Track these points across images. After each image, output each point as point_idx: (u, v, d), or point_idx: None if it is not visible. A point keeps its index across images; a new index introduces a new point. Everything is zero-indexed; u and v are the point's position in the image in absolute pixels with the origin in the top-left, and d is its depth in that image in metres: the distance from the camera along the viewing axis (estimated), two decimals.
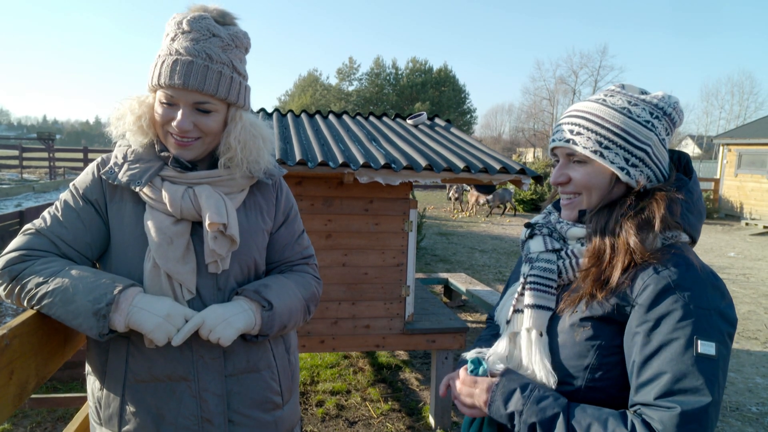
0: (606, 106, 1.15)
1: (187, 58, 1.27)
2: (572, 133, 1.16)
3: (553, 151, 1.24)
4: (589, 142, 1.14)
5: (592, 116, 1.15)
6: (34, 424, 3.61)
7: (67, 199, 1.36)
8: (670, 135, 1.17)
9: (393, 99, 48.24)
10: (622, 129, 1.12)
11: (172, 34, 1.30)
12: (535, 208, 18.49)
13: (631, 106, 1.14)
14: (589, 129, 1.14)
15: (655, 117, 1.14)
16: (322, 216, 3.58)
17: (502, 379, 1.15)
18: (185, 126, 1.29)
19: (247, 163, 1.39)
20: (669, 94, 1.17)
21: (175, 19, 1.32)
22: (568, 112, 1.22)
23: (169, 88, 1.28)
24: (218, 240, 1.31)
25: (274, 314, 1.35)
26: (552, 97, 49.43)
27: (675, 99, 1.17)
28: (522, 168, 3.58)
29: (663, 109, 1.14)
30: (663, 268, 1.04)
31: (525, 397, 1.09)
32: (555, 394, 1.09)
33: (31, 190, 17.89)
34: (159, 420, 1.30)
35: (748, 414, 4.21)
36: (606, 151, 1.12)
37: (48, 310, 1.22)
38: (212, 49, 1.30)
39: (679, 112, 1.16)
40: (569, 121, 1.18)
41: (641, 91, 1.18)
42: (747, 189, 17.51)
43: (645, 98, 1.16)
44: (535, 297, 1.18)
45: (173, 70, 1.27)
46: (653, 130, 1.13)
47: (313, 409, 4.02)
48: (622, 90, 1.18)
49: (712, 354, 0.98)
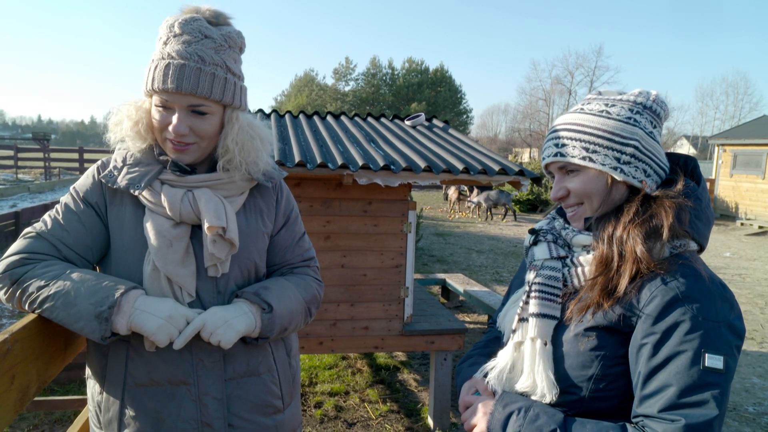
0: (585, 113, 1.17)
1: (179, 61, 1.26)
2: (558, 146, 1.18)
3: (547, 169, 1.25)
4: (575, 150, 1.15)
5: (573, 125, 1.17)
6: (32, 426, 3.59)
7: (67, 202, 1.35)
8: (658, 128, 1.17)
9: (389, 99, 48.21)
10: (604, 131, 1.13)
11: (164, 38, 1.30)
12: (532, 208, 18.52)
13: (608, 108, 1.15)
14: (573, 138, 1.16)
15: (635, 113, 1.14)
16: (320, 217, 3.58)
17: (497, 405, 1.15)
18: (181, 130, 1.29)
19: (245, 165, 1.38)
20: (647, 90, 1.18)
21: (167, 23, 1.31)
22: (551, 128, 1.24)
23: (163, 93, 1.28)
24: (217, 243, 1.31)
25: (275, 316, 1.35)
26: (548, 98, 49.49)
27: (654, 93, 1.17)
28: (521, 169, 3.58)
29: (642, 104, 1.15)
30: (671, 279, 1.03)
31: (521, 418, 1.08)
32: (550, 411, 1.08)
33: (26, 191, 17.83)
34: (159, 424, 1.30)
35: (745, 414, 4.23)
36: (594, 155, 1.13)
37: (49, 314, 1.22)
38: (204, 51, 1.29)
39: (659, 103, 1.17)
40: (554, 136, 1.20)
41: (618, 92, 1.20)
42: (742, 189, 17.59)
43: (621, 98, 1.17)
44: (540, 306, 1.16)
45: (166, 74, 1.26)
46: (636, 125, 1.13)
47: (312, 411, 4.02)
48: (598, 96, 1.20)
49: (719, 368, 0.97)
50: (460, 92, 50.08)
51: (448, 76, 49.44)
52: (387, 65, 50.01)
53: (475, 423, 1.18)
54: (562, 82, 48.44)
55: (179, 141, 1.31)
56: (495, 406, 1.15)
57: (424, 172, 3.39)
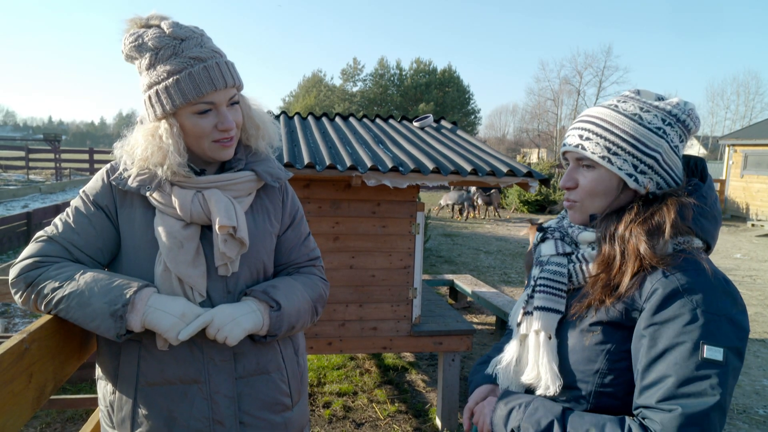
0: (617, 112, 1.16)
1: (211, 60, 1.28)
2: (582, 138, 1.17)
3: (564, 155, 1.25)
4: (597, 147, 1.14)
5: (602, 122, 1.15)
6: (44, 425, 3.63)
7: (78, 205, 1.37)
8: (684, 142, 1.16)
9: (397, 100, 48.19)
10: (631, 135, 1.12)
11: (168, 51, 1.26)
12: (540, 209, 18.45)
13: (642, 113, 1.14)
14: (598, 135, 1.15)
15: (667, 124, 1.13)
16: (329, 219, 3.59)
17: (500, 402, 1.19)
18: (232, 124, 1.32)
19: (269, 138, 1.46)
20: (685, 100, 1.16)
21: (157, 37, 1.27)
22: (580, 116, 1.23)
23: (208, 96, 1.28)
24: (228, 243, 1.32)
25: (282, 315, 1.36)
26: (556, 98, 49.35)
27: (691, 106, 1.16)
28: (529, 171, 3.58)
29: (676, 116, 1.14)
30: (672, 273, 1.04)
31: (521, 413, 1.12)
32: (549, 404, 1.11)
33: (37, 191, 17.99)
34: (171, 422, 1.32)
35: (755, 417, 4.20)
36: (614, 157, 1.13)
37: (65, 314, 1.24)
38: (213, 45, 1.32)
39: (694, 118, 1.15)
40: (580, 126, 1.19)
41: (657, 97, 1.18)
42: (753, 190, 17.44)
43: (658, 105, 1.15)
44: (544, 299, 1.19)
45: (207, 77, 1.27)
46: (664, 137, 1.12)
47: (320, 411, 4.04)
48: (635, 96, 1.18)
49: (719, 359, 0.97)
50: (468, 92, 49.99)
51: (456, 77, 49.36)
52: (395, 66, 50.03)
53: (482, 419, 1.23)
54: (570, 82, 48.29)
55: (228, 137, 1.33)
56: (497, 404, 1.19)
57: (433, 173, 3.40)
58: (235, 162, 1.42)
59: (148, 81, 1.29)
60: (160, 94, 1.28)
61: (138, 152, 1.31)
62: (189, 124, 1.31)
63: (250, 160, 1.45)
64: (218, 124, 1.31)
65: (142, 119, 1.37)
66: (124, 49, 1.32)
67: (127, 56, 1.32)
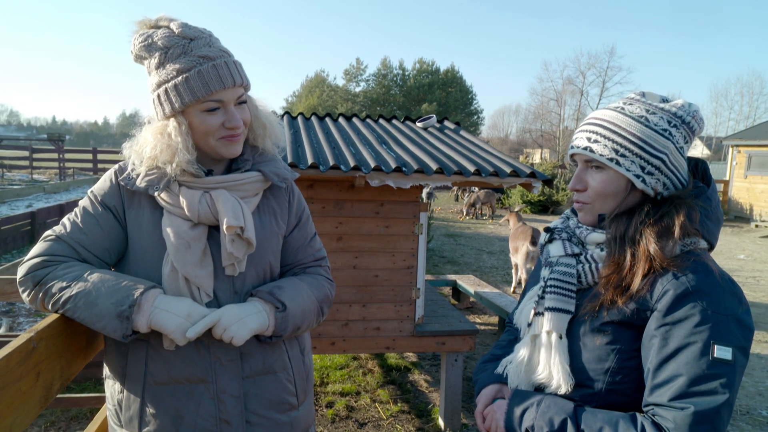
0: (624, 114, 1.17)
1: (221, 59, 1.29)
2: (590, 140, 1.19)
3: (572, 158, 1.27)
4: (605, 149, 1.16)
5: (609, 124, 1.17)
6: (48, 423, 3.65)
7: (85, 205, 1.38)
8: (689, 143, 1.18)
9: (400, 100, 48.18)
10: (638, 137, 1.14)
11: (178, 50, 1.28)
12: (543, 209, 18.43)
13: (648, 115, 1.16)
14: (606, 137, 1.17)
15: (673, 126, 1.15)
16: (333, 219, 3.60)
17: (512, 402, 1.20)
18: (239, 122, 1.33)
19: (274, 137, 1.47)
20: (689, 102, 1.18)
21: (166, 36, 1.29)
22: (587, 119, 1.25)
23: (216, 94, 1.29)
24: (235, 243, 1.33)
25: (288, 315, 1.37)
26: (559, 98, 49.22)
27: (695, 107, 1.18)
28: (532, 171, 3.59)
29: (681, 117, 1.16)
30: (682, 274, 1.07)
31: (534, 411, 1.14)
32: (560, 402, 1.12)
33: (41, 191, 18.03)
34: (178, 421, 1.32)
35: (758, 418, 4.20)
36: (622, 159, 1.15)
37: (72, 314, 1.25)
38: (221, 45, 1.33)
39: (698, 120, 1.17)
40: (588, 129, 1.21)
41: (662, 99, 1.20)
42: (756, 191, 17.39)
43: (664, 107, 1.17)
44: (555, 300, 1.20)
45: (216, 75, 1.28)
46: (670, 138, 1.14)
47: (323, 410, 4.04)
48: (641, 98, 1.20)
49: (728, 359, 1.00)
50: (471, 93, 49.96)
51: (459, 77, 49.34)
52: (398, 66, 50.01)
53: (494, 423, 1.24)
54: (573, 82, 48.21)
55: (234, 134, 1.34)
56: (510, 405, 1.20)
57: (436, 174, 3.40)
58: (242, 163, 1.42)
59: (157, 80, 1.30)
60: (169, 92, 1.29)
61: (147, 150, 1.32)
62: (197, 122, 1.32)
63: (257, 160, 1.45)
64: (226, 122, 1.32)
65: (149, 119, 1.38)
66: (133, 50, 1.33)
67: (137, 56, 1.33)
